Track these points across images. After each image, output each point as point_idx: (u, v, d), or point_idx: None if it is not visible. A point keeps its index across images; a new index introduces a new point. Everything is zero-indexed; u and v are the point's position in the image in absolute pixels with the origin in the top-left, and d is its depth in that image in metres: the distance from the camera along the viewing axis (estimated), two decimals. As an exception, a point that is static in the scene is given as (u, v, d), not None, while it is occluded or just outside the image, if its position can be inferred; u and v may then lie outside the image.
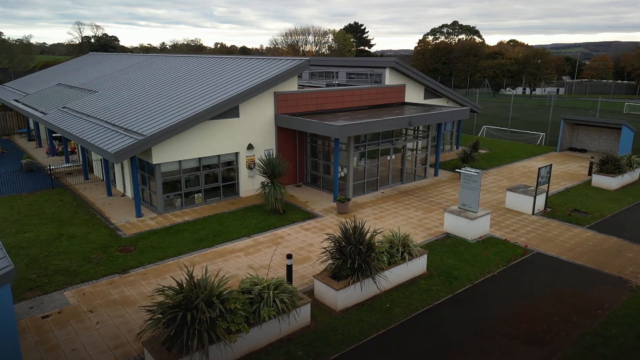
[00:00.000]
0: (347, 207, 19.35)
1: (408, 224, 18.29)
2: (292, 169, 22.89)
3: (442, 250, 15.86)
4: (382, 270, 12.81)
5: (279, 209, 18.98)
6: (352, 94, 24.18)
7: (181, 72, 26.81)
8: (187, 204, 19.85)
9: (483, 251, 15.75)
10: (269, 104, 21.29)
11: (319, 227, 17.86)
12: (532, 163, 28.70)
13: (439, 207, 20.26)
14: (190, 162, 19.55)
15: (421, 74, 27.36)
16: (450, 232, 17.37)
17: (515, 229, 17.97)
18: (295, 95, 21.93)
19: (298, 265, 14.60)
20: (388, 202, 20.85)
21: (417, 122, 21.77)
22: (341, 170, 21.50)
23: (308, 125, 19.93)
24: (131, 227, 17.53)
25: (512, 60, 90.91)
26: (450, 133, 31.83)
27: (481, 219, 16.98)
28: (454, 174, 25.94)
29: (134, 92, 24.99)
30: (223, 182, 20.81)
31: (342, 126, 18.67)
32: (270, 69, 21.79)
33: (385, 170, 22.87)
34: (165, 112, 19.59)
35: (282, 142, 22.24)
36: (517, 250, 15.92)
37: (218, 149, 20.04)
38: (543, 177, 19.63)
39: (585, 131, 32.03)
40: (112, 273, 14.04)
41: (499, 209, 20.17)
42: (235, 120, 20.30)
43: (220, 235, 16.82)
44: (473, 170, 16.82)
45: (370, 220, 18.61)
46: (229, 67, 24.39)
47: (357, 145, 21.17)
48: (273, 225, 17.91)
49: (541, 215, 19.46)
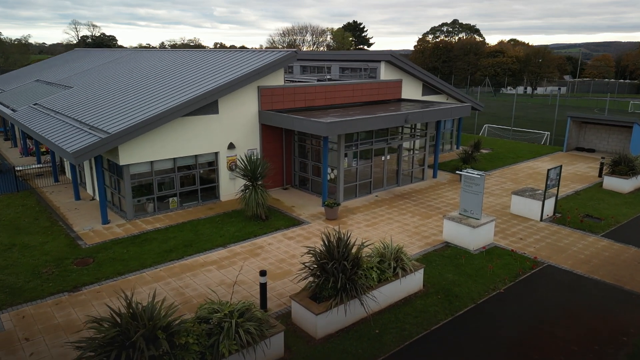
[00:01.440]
0: (336, 213, 17.54)
1: (403, 231, 16.48)
2: (278, 170, 21.09)
3: (441, 262, 14.05)
4: (371, 289, 10.99)
5: (260, 214, 17.18)
6: (345, 90, 22.38)
7: (161, 66, 25.01)
8: (161, 209, 18.04)
9: (487, 264, 13.94)
10: (252, 100, 19.48)
11: (304, 235, 16.05)
12: (538, 164, 26.88)
13: (438, 213, 18.45)
14: (164, 163, 17.74)
15: (419, 68, 25.57)
16: (450, 241, 15.56)
17: (522, 237, 16.16)
18: (281, 90, 20.12)
19: (276, 281, 12.79)
20: (382, 207, 19.03)
21: (414, 119, 19.97)
22: (331, 172, 19.70)
23: (293, 122, 18.13)
24: (94, 236, 15.72)
25: (513, 59, 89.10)
26: (450, 132, 30.03)
27: (485, 227, 15.18)
28: (454, 175, 24.12)
29: (108, 88, 23.18)
30: (201, 184, 19.00)
31: (330, 123, 16.87)
32: (253, 61, 19.98)
33: (379, 171, 21.07)
34: (136, 109, 17.79)
35: (267, 142, 20.43)
36: (525, 262, 14.11)
37: (195, 148, 18.23)
38: (552, 180, 17.81)
39: (593, 130, 30.22)
40: (62, 291, 12.22)
41: (503, 215, 18.36)
42: (214, 117, 18.49)
43: (192, 246, 15.01)
44: (475, 172, 15.02)
45: (362, 227, 16.80)
46: (210, 61, 22.59)
47: (349, 145, 19.37)
48: (253, 233, 16.09)
49: (550, 221, 17.65)
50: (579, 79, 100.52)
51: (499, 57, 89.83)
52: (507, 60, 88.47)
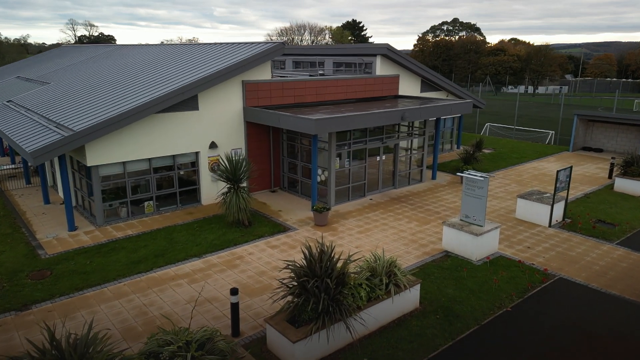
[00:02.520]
0: (326, 218, 16.05)
1: (399, 239, 15.00)
2: (265, 171, 19.61)
3: (440, 275, 12.56)
4: (359, 311, 9.51)
5: (243, 220, 15.70)
6: (337, 85, 20.89)
7: (143, 61, 23.52)
8: (135, 214, 16.56)
9: (492, 276, 12.46)
10: (235, 95, 18.00)
11: (290, 243, 14.57)
12: (543, 164, 25.39)
13: (437, 218, 16.96)
14: (138, 163, 16.26)
15: (417, 63, 24.07)
16: (450, 250, 14.08)
17: (530, 245, 14.67)
18: (268, 85, 18.64)
19: (254, 298, 11.31)
20: (376, 211, 17.55)
21: (411, 116, 18.49)
22: (321, 174, 18.22)
23: (280, 119, 16.64)
24: (57, 245, 14.24)
25: (514, 57, 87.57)
26: (450, 131, 28.55)
27: (489, 235, 13.69)
28: (455, 176, 22.64)
29: (84, 84, 21.70)
30: (180, 187, 17.52)
31: (318, 120, 15.39)
32: (238, 54, 18.50)
33: (374, 173, 19.58)
34: (107, 105, 16.31)
35: (253, 141, 18.94)
36: (534, 275, 12.62)
37: (173, 148, 16.75)
38: (562, 182, 16.33)
39: (601, 129, 28.73)
40: (9, 309, 10.74)
41: (508, 220, 16.88)
42: (193, 113, 17.01)
43: (164, 255, 13.52)
44: (478, 174, 13.54)
45: (354, 234, 15.32)
46: (193, 54, 21.11)
47: (341, 144, 17.89)
48: (233, 241, 14.61)
49: (560, 227, 16.17)
50: (581, 78, 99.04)
51: (500, 55, 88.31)
52: (509, 58, 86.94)
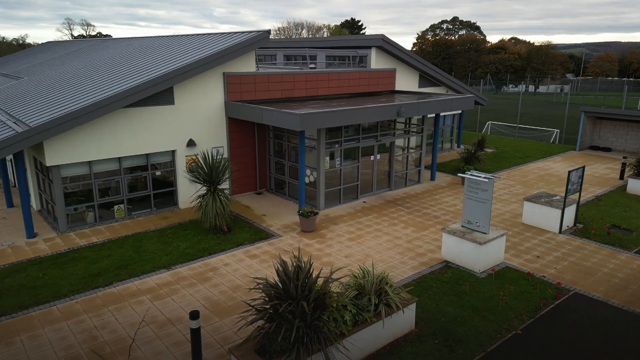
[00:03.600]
0: (313, 224, 14.55)
1: (393, 247, 13.49)
2: (249, 172, 18.09)
3: (439, 289, 11.04)
4: (343, 337, 8.00)
5: (221, 226, 14.20)
6: (329, 79, 19.38)
7: (120, 54, 22.00)
8: (104, 219, 15.06)
9: (498, 291, 10.95)
10: (216, 89, 16.48)
11: (272, 252, 13.06)
12: (549, 164, 23.89)
13: (436, 223, 15.46)
14: (106, 163, 14.76)
15: (415, 56, 22.57)
16: (450, 260, 12.58)
17: (539, 254, 13.17)
18: (252, 77, 17.12)
19: (224, 318, 9.79)
20: (370, 216, 16.04)
21: (408, 112, 16.99)
22: (310, 174, 16.71)
23: (262, 113, 15.13)
24: (11, 254, 12.72)
25: (515, 55, 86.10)
26: (450, 129, 27.05)
27: (494, 243, 12.19)
28: (455, 177, 21.15)
29: (56, 79, 20.19)
30: (155, 189, 16.00)
31: (304, 115, 13.88)
32: (219, 44, 16.98)
33: (368, 173, 18.07)
34: (70, 99, 14.80)
35: (237, 138, 17.43)
36: (546, 290, 11.11)
37: (145, 146, 15.24)
38: (574, 184, 14.82)
39: (609, 127, 27.22)
40: (-64, 333, 9.23)
41: (514, 225, 15.38)
42: (168, 108, 15.50)
43: (127, 267, 12.00)
44: (482, 175, 12.03)
45: (343, 241, 13.81)
46: (173, 45, 19.59)
47: (331, 142, 16.39)
48: (208, 250, 13.10)
49: (571, 234, 14.67)
50: (583, 77, 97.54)
51: (501, 53, 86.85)
52: (509, 56, 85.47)
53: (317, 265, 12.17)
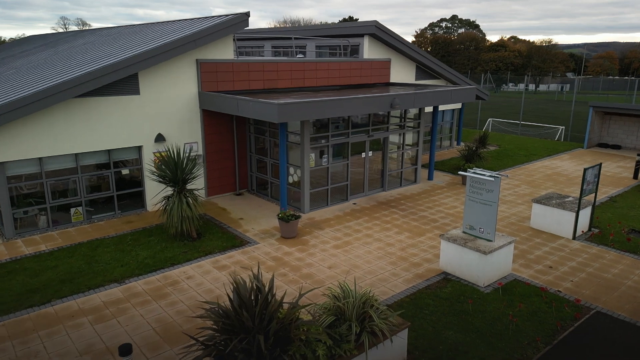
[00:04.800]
0: (294, 229, 12.84)
1: (385, 255, 11.78)
2: (228, 171, 16.38)
3: (437, 309, 9.34)
4: (314, 378, 6.30)
5: (190, 232, 12.50)
6: (317, 69, 17.67)
7: (89, 42, 20.28)
8: (60, 224, 13.34)
9: (507, 311, 9.26)
10: (188, 78, 14.77)
11: (245, 262, 11.35)
12: (556, 163, 22.19)
13: (434, 228, 13.76)
14: (60, 160, 13.05)
15: (412, 45, 20.87)
16: (450, 271, 10.88)
17: (552, 264, 11.47)
18: (229, 65, 15.40)
19: (175, 347, 8.08)
20: (360, 219, 14.33)
21: (403, 103, 15.29)
22: (294, 173, 15.01)
23: (238, 104, 13.42)
24: (-59, 265, 11.00)
25: (515, 53, 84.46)
26: (450, 126, 25.37)
27: (500, 252, 10.50)
28: (455, 176, 19.46)
29: (17, 70, 18.47)
30: (119, 190, 14.29)
31: (283, 105, 12.16)
32: (192, 28, 15.27)
33: (359, 172, 16.37)
34: (15, 89, 13.08)
35: (213, 133, 15.72)
36: (563, 308, 9.41)
37: (107, 141, 13.54)
38: (590, 183, 13.12)
39: (619, 123, 25.54)
40: None
41: (521, 230, 13.69)
42: (133, 99, 13.79)
43: (73, 281, 10.29)
44: (487, 173, 10.34)
45: (328, 249, 12.11)
46: (145, 32, 17.87)
47: (317, 137, 14.69)
48: (171, 260, 11.39)
49: (586, 240, 12.97)
50: (584, 76, 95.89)
51: (501, 51, 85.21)
52: (509, 54, 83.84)
53: (293, 279, 10.47)
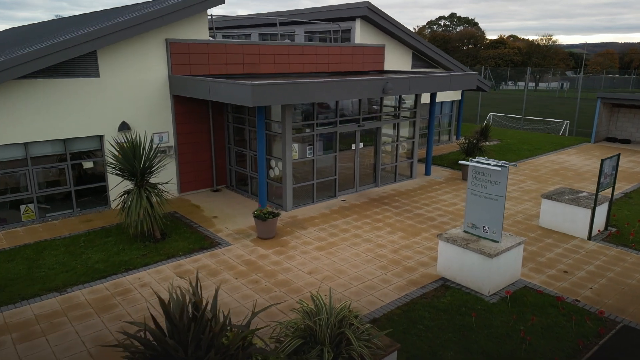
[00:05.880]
0: (272, 228, 11.30)
1: (374, 258, 10.25)
2: (204, 164, 14.85)
3: (434, 323, 7.81)
4: None
5: (153, 232, 10.96)
6: (304, 53, 16.15)
7: (60, 24, 18.73)
8: (7, 223, 11.80)
9: (517, 325, 7.73)
10: (157, 59, 13.23)
11: (212, 267, 9.81)
12: (563, 157, 20.69)
13: (431, 227, 12.24)
14: (6, 150, 11.50)
15: (408, 30, 19.34)
16: (449, 277, 9.36)
17: (566, 269, 9.95)
18: (204, 46, 13.86)
19: (110, 373, 6.54)
20: (348, 217, 12.81)
21: (397, 89, 13.77)
22: (275, 166, 13.48)
23: (209, 87, 11.88)
24: None
25: (515, 50, 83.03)
26: (449, 118, 23.86)
27: (508, 255, 8.98)
28: (455, 171, 17.95)
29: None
30: (78, 185, 12.75)
31: (257, 86, 10.62)
32: (161, 3, 13.73)
33: (348, 167, 14.85)
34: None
35: (186, 122, 14.18)
36: (584, 322, 7.89)
37: (62, 129, 11.99)
38: (607, 176, 11.60)
39: (628, 116, 24.04)
40: None
41: (529, 229, 12.17)
42: (92, 82, 12.24)
43: (5, 289, 8.72)
44: (492, 162, 8.82)
45: (310, 251, 10.57)
46: (115, 14, 16.32)
47: (300, 126, 13.17)
48: (127, 264, 9.84)
49: (604, 240, 11.46)
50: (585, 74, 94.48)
51: (501, 48, 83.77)
52: (509, 51, 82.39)
53: (266, 287, 8.93)
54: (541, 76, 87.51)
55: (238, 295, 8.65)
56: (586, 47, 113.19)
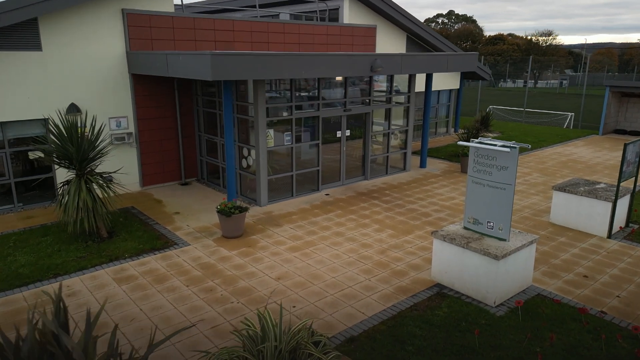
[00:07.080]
0: (240, 225, 9.64)
1: (357, 260, 8.61)
2: (170, 154, 13.19)
3: (427, 343, 6.16)
4: None
5: (99, 230, 9.30)
6: (285, 31, 14.51)
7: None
8: None
9: (532, 347, 6.09)
10: (112, 33, 11.56)
11: (161, 272, 8.15)
12: (570, 149, 19.07)
13: (425, 224, 10.60)
14: None
15: (403, 10, 17.71)
16: (446, 283, 7.71)
17: (586, 273, 8.31)
18: (168, 19, 12.20)
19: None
20: (331, 213, 11.16)
21: (387, 67, 12.13)
22: (248, 154, 11.83)
23: (167, 60, 10.22)
24: None
25: (514, 46, 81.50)
26: (447, 109, 22.23)
27: (518, 256, 7.33)
28: (453, 164, 16.32)
29: None
30: (18, 177, 11.08)
31: (217, 56, 8.95)
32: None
33: (333, 158, 13.20)
34: None
35: (148, 106, 12.52)
36: (615, 340, 6.26)
37: (-4, 111, 10.33)
38: (630, 164, 9.97)
39: (638, 106, 22.43)
40: None
41: (539, 226, 10.54)
42: (31, 55, 10.57)
43: None
44: (499, 143, 7.18)
45: (282, 252, 8.92)
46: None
47: (275, 107, 11.52)
48: (58, 268, 8.18)
49: (625, 238, 9.83)
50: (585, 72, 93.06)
51: (499, 44, 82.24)
52: (508, 47, 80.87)
53: (222, 296, 7.28)
54: (540, 73, 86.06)
55: (185, 307, 6.99)
56: (585, 47, 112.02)
